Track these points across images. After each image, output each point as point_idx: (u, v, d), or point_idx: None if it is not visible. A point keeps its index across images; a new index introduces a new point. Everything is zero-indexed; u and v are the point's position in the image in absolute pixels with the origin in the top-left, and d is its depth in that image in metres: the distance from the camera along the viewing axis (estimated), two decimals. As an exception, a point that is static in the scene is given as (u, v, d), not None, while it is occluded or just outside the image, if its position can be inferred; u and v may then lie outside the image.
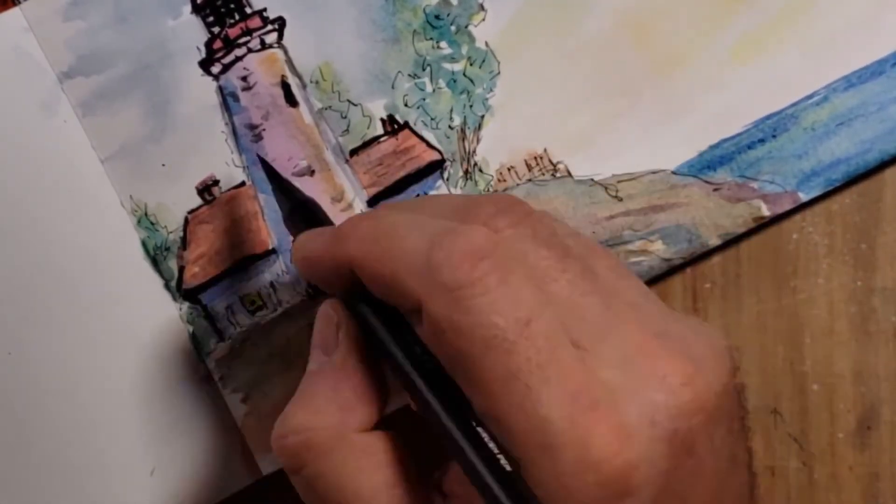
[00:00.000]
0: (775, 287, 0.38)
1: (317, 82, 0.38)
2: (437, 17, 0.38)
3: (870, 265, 0.38)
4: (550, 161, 0.38)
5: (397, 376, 0.28)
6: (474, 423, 0.26)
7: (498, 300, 0.25)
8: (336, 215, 0.38)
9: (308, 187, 0.38)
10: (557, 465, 0.24)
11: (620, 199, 0.38)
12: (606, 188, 0.38)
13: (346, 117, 0.38)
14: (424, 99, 0.38)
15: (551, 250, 0.27)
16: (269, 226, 0.38)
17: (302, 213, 0.33)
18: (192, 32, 0.37)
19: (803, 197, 0.38)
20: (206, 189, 0.38)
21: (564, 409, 0.25)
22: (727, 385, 0.27)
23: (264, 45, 0.38)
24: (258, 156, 0.36)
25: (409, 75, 0.38)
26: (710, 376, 0.26)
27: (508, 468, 0.25)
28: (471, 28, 0.38)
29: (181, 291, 0.38)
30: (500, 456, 0.25)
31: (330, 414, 0.28)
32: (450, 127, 0.38)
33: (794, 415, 0.38)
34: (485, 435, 0.26)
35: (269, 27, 0.38)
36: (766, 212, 0.38)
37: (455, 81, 0.38)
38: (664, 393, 0.26)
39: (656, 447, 0.25)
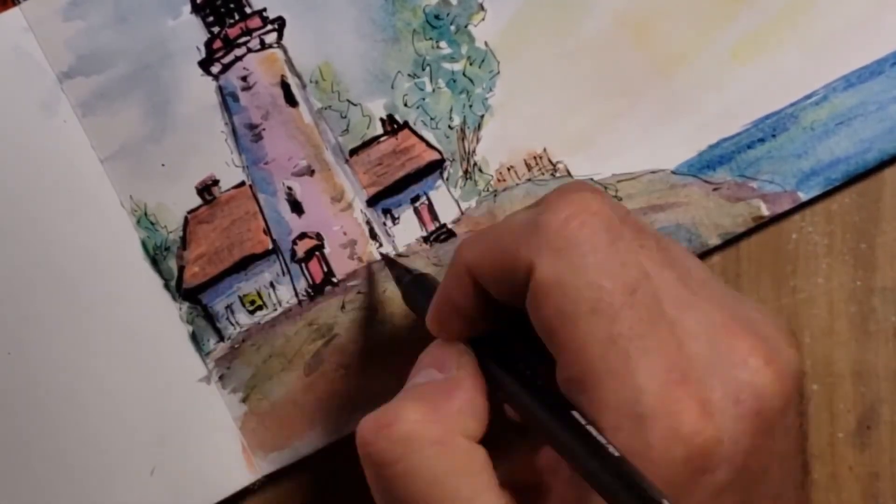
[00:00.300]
0: (775, 287, 0.38)
1: (316, 82, 0.38)
2: (436, 16, 0.38)
3: (869, 265, 0.38)
4: (550, 161, 0.38)
5: (511, 399, 0.28)
6: (583, 422, 0.26)
7: (606, 263, 0.26)
8: (335, 214, 0.38)
9: (308, 187, 0.38)
10: (648, 436, 0.25)
11: (621, 199, 0.38)
12: (606, 188, 0.38)
13: (345, 117, 0.38)
14: (424, 99, 0.38)
15: (632, 225, 0.27)
16: (268, 225, 0.38)
17: (421, 285, 0.33)
18: (191, 32, 0.37)
19: (803, 196, 0.38)
20: (206, 189, 0.38)
21: (659, 381, 0.25)
22: (800, 369, 0.27)
23: (264, 45, 0.38)
24: (382, 254, 0.37)
25: (409, 75, 0.38)
26: (786, 359, 0.27)
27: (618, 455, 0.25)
28: (470, 28, 0.38)
29: (181, 291, 0.38)
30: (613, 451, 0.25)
31: (443, 413, 0.28)
32: (449, 127, 0.38)
33: None
34: (593, 432, 0.25)
35: (269, 27, 0.38)
36: (765, 211, 0.38)
37: (455, 81, 0.38)
38: (748, 372, 0.26)
39: (739, 426, 0.25)
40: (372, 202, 0.38)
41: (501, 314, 0.29)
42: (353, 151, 0.38)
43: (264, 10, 0.38)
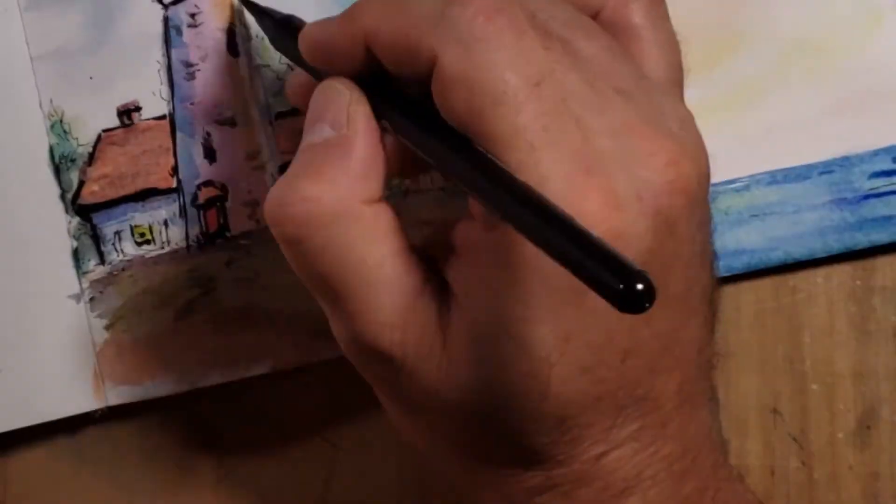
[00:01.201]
0: (774, 286, 0.38)
1: (262, 38, 0.37)
2: (395, 7, 0.38)
3: (869, 264, 0.38)
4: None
5: (411, 139, 0.28)
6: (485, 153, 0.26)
7: (512, 58, 0.26)
8: (246, 171, 0.38)
9: (226, 137, 0.38)
10: None
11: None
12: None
13: (281, 79, 0.38)
14: (362, 83, 0.38)
15: (535, 25, 0.27)
16: (178, 165, 0.38)
17: (289, 29, 0.32)
18: (153, -44, 0.37)
19: (701, 276, 0.38)
20: (127, 113, 0.37)
21: (562, 171, 0.25)
22: (706, 173, 0.28)
23: (220, -12, 0.38)
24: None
25: (354, 56, 0.38)
26: (692, 161, 0.27)
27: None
28: (425, 27, 0.38)
29: (75, 206, 0.37)
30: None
31: (339, 184, 0.28)
32: (379, 117, 0.38)
33: (794, 414, 0.38)
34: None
35: (231, -29, 0.37)
36: (661, 281, 0.38)
37: (396, 74, 0.38)
38: (650, 170, 0.26)
39: (641, 221, 0.26)
40: (285, 168, 0.38)
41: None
42: (281, 115, 0.38)
43: (231, -47, 0.38)
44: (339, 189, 0.28)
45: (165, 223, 0.38)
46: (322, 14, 0.37)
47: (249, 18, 0.37)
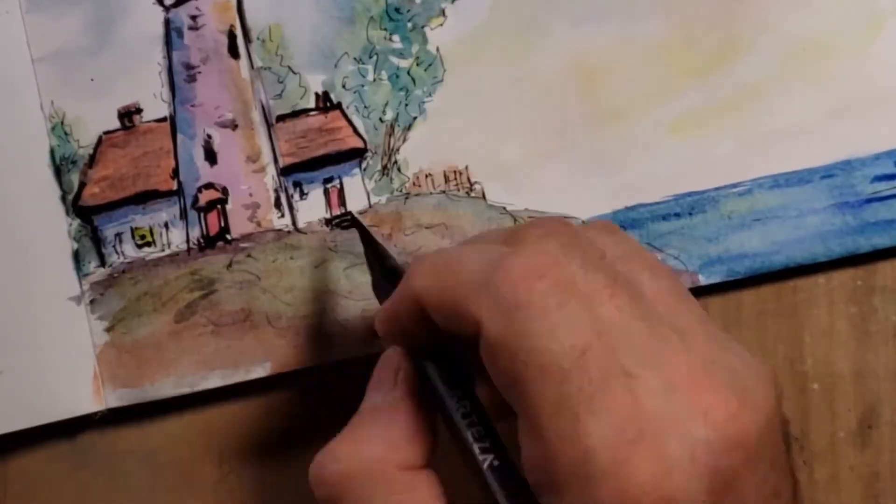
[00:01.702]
0: (775, 286, 0.38)
1: (263, 41, 0.38)
2: (397, 10, 0.38)
3: (870, 265, 0.38)
4: (469, 179, 0.38)
5: (448, 426, 0.29)
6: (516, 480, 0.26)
7: (555, 326, 0.25)
8: (246, 174, 0.38)
9: (227, 139, 0.38)
10: (596, 497, 0.24)
11: (526, 235, 0.38)
12: (516, 220, 0.38)
13: (282, 82, 0.38)
14: (363, 86, 0.38)
15: (599, 273, 0.27)
16: (178, 167, 0.38)
17: (392, 280, 0.33)
18: (153, -42, 0.37)
19: (702, 280, 0.38)
20: (128, 115, 0.37)
21: (609, 441, 0.25)
22: (772, 419, 0.26)
23: (221, -9, 0.38)
24: (353, 214, 0.36)
25: (355, 59, 0.38)
26: (755, 410, 0.26)
27: None
28: (427, 30, 0.38)
29: (76, 207, 0.37)
30: None
31: (375, 447, 0.28)
32: (380, 119, 0.38)
33: (795, 415, 0.38)
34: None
35: (231, -26, 0.37)
36: (662, 285, 0.38)
37: (398, 77, 0.38)
38: (706, 428, 0.25)
39: (696, 483, 0.25)
40: (286, 172, 0.38)
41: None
42: (281, 118, 0.38)
43: (232, -44, 0.38)
44: (375, 451, 0.28)
45: (166, 225, 0.38)
46: (321, 14, 0.38)
47: (249, 19, 0.37)
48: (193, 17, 0.37)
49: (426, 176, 0.38)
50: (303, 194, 0.38)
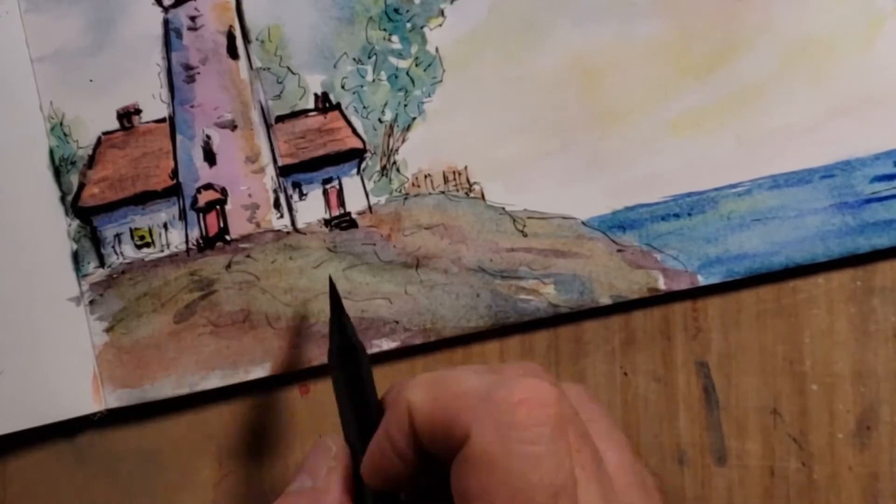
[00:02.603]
0: (775, 287, 0.38)
1: (262, 41, 0.37)
2: (396, 10, 0.38)
3: (869, 266, 0.38)
4: (468, 179, 0.38)
5: None
6: None
7: (542, 457, 0.26)
8: (246, 174, 0.38)
9: (226, 140, 0.38)
10: None
11: (525, 235, 0.38)
12: (515, 220, 0.38)
13: (281, 83, 0.38)
14: (362, 86, 0.38)
15: (573, 426, 0.27)
16: (178, 168, 0.38)
17: (348, 355, 0.33)
18: (152, -41, 0.37)
19: (701, 280, 0.38)
20: (127, 115, 0.37)
21: None
22: None
23: (220, -9, 0.38)
24: (330, 279, 0.35)
25: (354, 59, 0.38)
26: None
27: None
28: (426, 30, 0.38)
29: (75, 208, 0.37)
30: None
31: None
32: (379, 120, 0.38)
33: (794, 415, 0.38)
34: None
35: (230, -25, 0.37)
36: (661, 285, 0.38)
37: (397, 77, 0.38)
38: None
39: None
40: (284, 172, 0.38)
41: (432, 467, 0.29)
42: (280, 118, 0.38)
43: (230, -43, 0.37)
44: None
45: (165, 226, 0.38)
46: (320, 14, 0.38)
47: (248, 20, 0.37)
48: (192, 18, 0.37)
49: (425, 176, 0.38)
50: (302, 195, 0.38)
